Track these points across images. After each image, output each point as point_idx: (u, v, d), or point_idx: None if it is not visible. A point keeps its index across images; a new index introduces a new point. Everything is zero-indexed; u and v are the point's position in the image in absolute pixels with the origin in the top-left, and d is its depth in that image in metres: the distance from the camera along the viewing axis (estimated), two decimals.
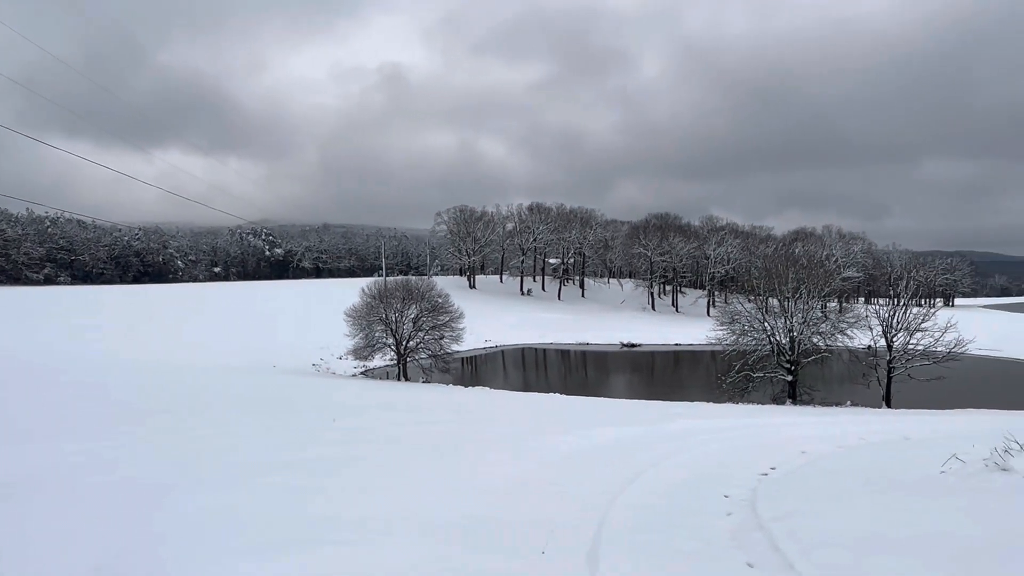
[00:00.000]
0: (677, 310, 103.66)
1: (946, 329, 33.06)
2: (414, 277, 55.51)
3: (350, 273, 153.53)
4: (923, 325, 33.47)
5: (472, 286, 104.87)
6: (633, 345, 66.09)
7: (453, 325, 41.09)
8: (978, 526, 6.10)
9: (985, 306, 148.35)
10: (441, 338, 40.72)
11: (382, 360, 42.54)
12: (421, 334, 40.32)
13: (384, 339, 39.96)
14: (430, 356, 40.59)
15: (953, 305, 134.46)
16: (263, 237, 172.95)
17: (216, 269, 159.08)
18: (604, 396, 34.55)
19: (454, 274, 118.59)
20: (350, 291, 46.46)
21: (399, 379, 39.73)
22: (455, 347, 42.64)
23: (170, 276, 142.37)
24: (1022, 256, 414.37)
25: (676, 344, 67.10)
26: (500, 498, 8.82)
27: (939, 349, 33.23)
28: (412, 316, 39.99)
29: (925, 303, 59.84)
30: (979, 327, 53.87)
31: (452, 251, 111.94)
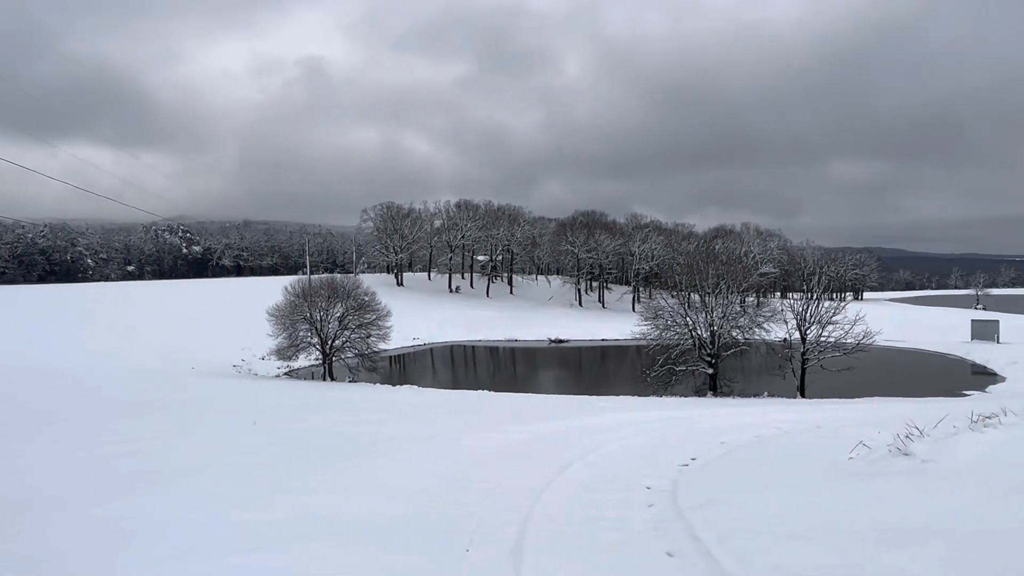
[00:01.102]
0: (603, 306, 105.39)
1: (855, 322, 34.79)
2: (340, 275, 54.60)
3: (273, 271, 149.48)
4: (834, 318, 35.10)
5: (400, 284, 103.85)
6: (561, 341, 66.86)
7: (380, 323, 40.64)
8: (880, 509, 6.43)
9: (891, 299, 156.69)
10: (368, 337, 40.19)
11: (307, 360, 41.68)
12: (347, 333, 39.70)
13: (309, 338, 39.16)
14: (357, 355, 40.00)
15: (862, 299, 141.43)
16: (180, 234, 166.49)
17: (130, 268, 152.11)
18: (533, 392, 34.81)
19: (381, 272, 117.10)
20: (273, 290, 45.28)
21: (325, 379, 39.00)
22: (382, 346, 42.20)
23: (79, 275, 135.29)
24: (924, 252, 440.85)
25: (603, 339, 68.27)
26: (425, 497, 8.76)
27: (849, 341, 34.91)
28: (338, 315, 39.33)
29: (836, 297, 62.70)
30: (885, 319, 56.98)
31: (379, 248, 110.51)
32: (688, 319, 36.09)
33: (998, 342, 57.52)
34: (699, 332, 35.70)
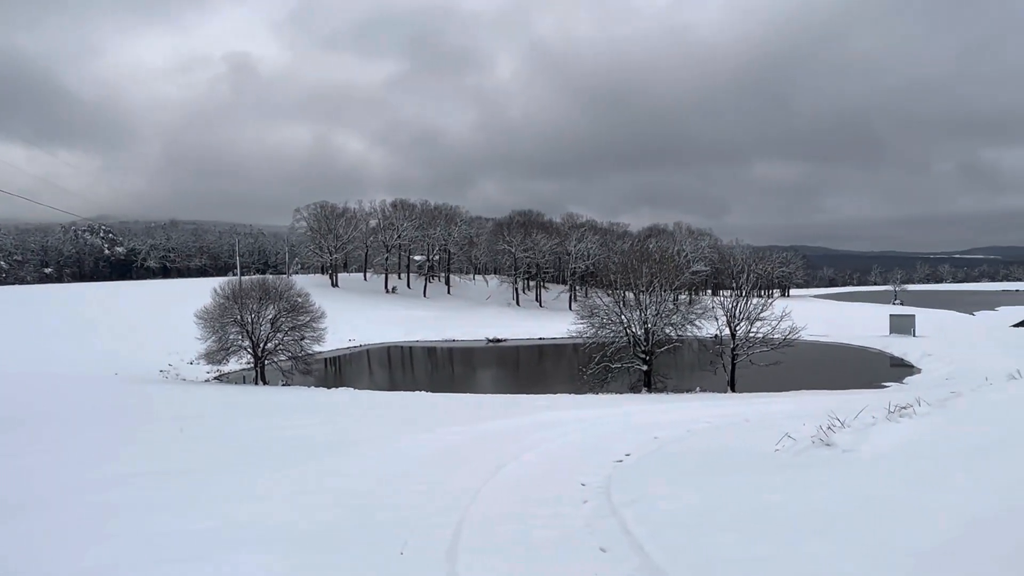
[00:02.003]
0: (541, 305, 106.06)
1: (782, 318, 35.99)
2: (272, 276, 53.28)
3: (202, 273, 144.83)
4: (762, 315, 36.21)
5: (335, 284, 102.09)
6: (499, 340, 66.96)
7: (314, 325, 39.81)
8: (804, 498, 6.65)
9: (815, 296, 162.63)
10: (302, 339, 39.33)
11: (238, 364, 40.50)
12: (280, 335, 38.75)
13: (240, 341, 38.06)
14: (290, 358, 39.09)
15: (788, 295, 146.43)
16: (102, 235, 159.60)
17: (47, 270, 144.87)
18: (470, 392, 34.72)
19: (316, 272, 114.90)
20: (202, 292, 43.82)
21: (256, 383, 38.00)
22: (317, 348, 41.36)
23: None
24: (846, 250, 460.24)
25: (540, 338, 68.66)
26: (360, 500, 8.63)
27: (776, 336, 36.09)
28: (270, 317, 38.33)
29: (764, 294, 64.75)
30: (810, 315, 59.04)
31: (313, 249, 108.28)
32: (623, 317, 36.63)
33: (914, 335, 60.43)
34: (634, 330, 36.28)
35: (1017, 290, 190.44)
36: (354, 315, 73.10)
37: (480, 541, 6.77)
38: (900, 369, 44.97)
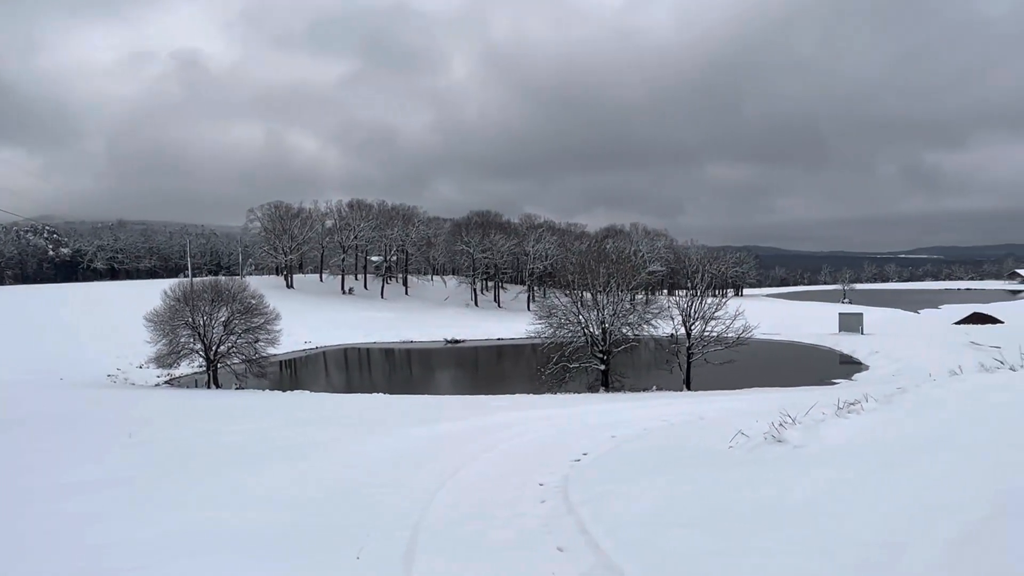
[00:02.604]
0: (499, 305, 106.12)
1: (735, 317, 36.66)
2: (225, 277, 52.22)
3: (152, 274, 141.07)
4: (716, 314, 36.84)
5: (290, 286, 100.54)
6: (457, 341, 66.78)
7: (269, 327, 39.17)
8: (756, 494, 6.77)
9: (768, 295, 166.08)
10: (256, 341, 38.66)
11: (189, 367, 39.60)
12: (233, 338, 38.04)
13: (191, 344, 37.23)
14: (244, 361, 38.39)
15: (742, 295, 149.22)
16: (46, 235, 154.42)
17: None
18: (429, 393, 34.56)
19: (270, 274, 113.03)
20: (152, 294, 42.69)
21: (209, 386, 37.22)
22: (271, 350, 40.67)
23: None
24: (797, 250, 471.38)
25: (498, 339, 68.68)
26: (314, 506, 8.51)
27: (730, 335, 36.74)
28: (223, 319, 37.59)
29: (718, 294, 65.89)
30: (763, 314, 60.34)
31: (267, 249, 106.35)
32: (581, 317, 36.88)
33: (862, 333, 62.15)
34: (591, 329, 36.56)
35: (959, 289, 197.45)
36: (310, 317, 72.12)
37: (438, 543, 6.74)
38: (849, 366, 46.21)
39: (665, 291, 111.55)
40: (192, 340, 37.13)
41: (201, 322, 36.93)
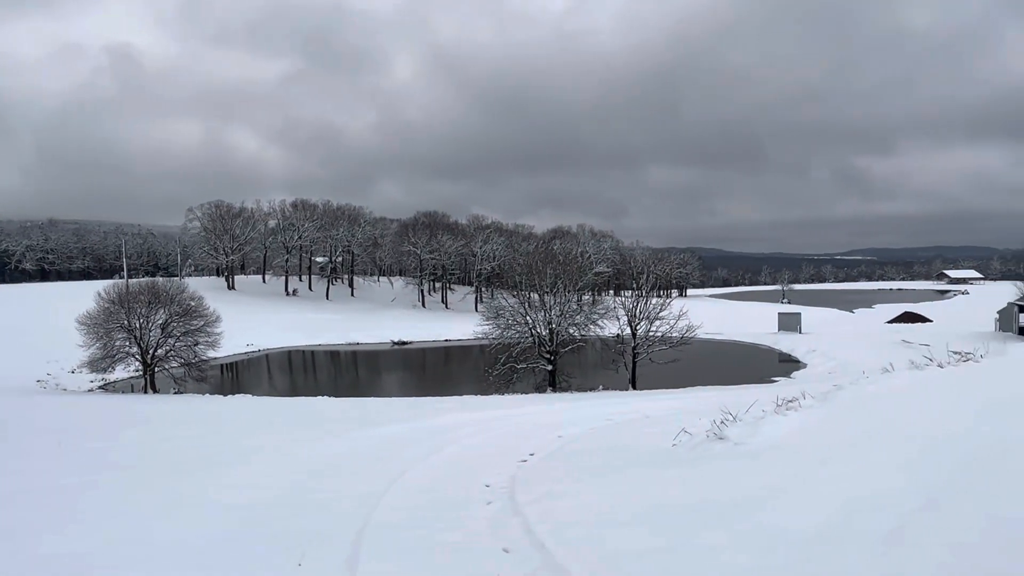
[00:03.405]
0: (447, 307, 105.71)
1: (679, 317, 37.34)
2: (163, 279, 50.66)
3: (85, 275, 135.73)
4: (661, 314, 37.46)
5: (231, 287, 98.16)
6: (404, 343, 66.25)
7: (209, 330, 38.16)
8: (699, 491, 6.88)
9: (711, 295, 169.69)
10: (195, 344, 37.62)
11: (125, 372, 38.28)
12: (171, 341, 36.93)
13: (127, 348, 36.00)
14: (183, 364, 37.31)
15: (686, 295, 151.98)
16: None
17: None
18: (375, 396, 34.20)
19: (211, 275, 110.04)
20: (85, 295, 41.09)
21: (146, 391, 36.03)
22: (212, 353, 39.66)
23: None
24: (738, 251, 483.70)
25: (446, 340, 68.39)
26: (256, 513, 8.29)
27: (674, 335, 37.40)
28: (160, 321, 36.47)
29: (663, 294, 67.00)
30: (706, 314, 61.53)
31: (207, 250, 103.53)
32: (528, 318, 37.01)
33: (800, 332, 64.03)
34: (539, 330, 36.73)
35: (891, 289, 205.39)
36: (252, 319, 70.56)
37: (382, 548, 6.63)
38: (788, 364, 47.54)
39: (611, 292, 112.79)
40: (128, 343, 35.93)
41: (137, 325, 35.76)
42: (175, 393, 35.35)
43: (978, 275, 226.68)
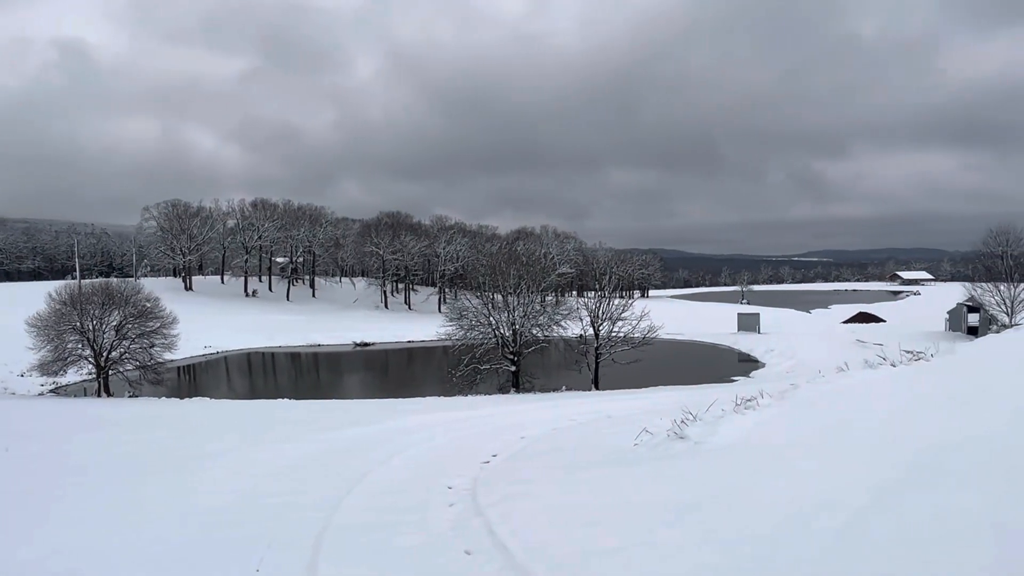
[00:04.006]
0: (410, 307, 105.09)
1: (641, 318, 37.69)
2: (117, 279, 49.42)
3: (35, 276, 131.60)
4: (624, 315, 37.76)
5: (189, 288, 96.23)
6: (366, 344, 65.68)
7: (165, 332, 37.31)
8: (659, 490, 6.95)
9: (672, 296, 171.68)
10: (151, 347, 36.75)
11: (78, 375, 37.22)
12: (126, 343, 36.02)
13: (79, 351, 35.01)
14: (138, 367, 36.42)
15: (648, 296, 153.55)
16: None
17: None
18: (337, 398, 33.85)
19: (167, 275, 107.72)
20: (35, 297, 39.85)
21: (100, 395, 35.10)
22: (168, 356, 38.79)
23: None
24: (699, 253, 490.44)
25: (409, 341, 67.98)
26: (214, 518, 8.13)
27: (636, 335, 37.74)
28: (114, 323, 35.53)
29: (625, 295, 67.60)
30: (667, 315, 62.22)
31: (164, 250, 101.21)
32: (491, 319, 36.99)
33: (759, 332, 65.15)
34: (502, 331, 36.72)
35: (846, 290, 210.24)
36: (210, 320, 69.26)
37: (342, 552, 6.56)
38: (747, 364, 48.33)
39: (574, 292, 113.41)
40: (80, 346, 34.95)
41: (90, 327, 34.81)
42: (130, 396, 34.50)
43: (929, 276, 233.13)
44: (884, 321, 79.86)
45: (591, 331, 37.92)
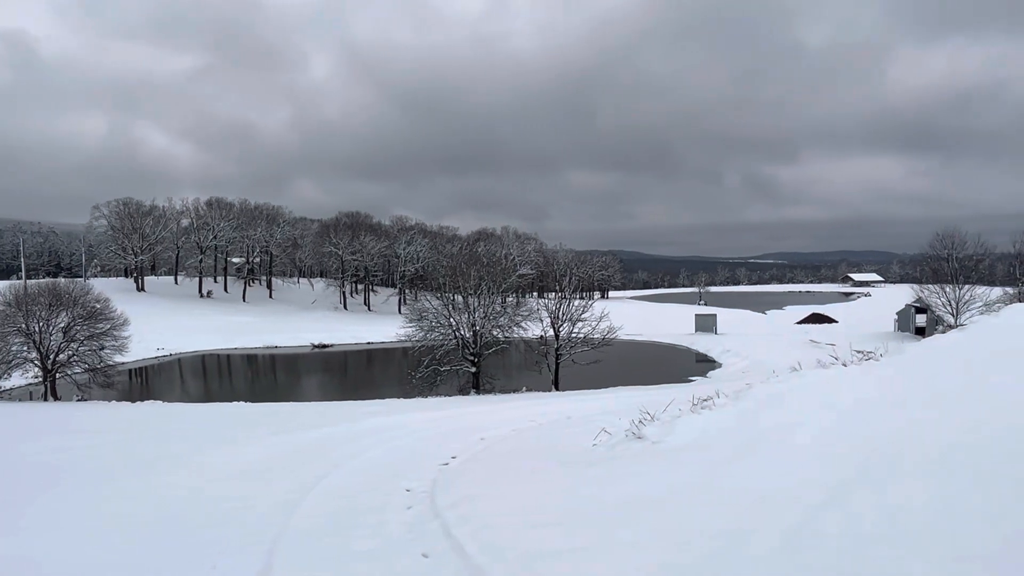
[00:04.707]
0: (369, 309, 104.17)
1: (601, 319, 37.98)
2: (65, 280, 47.97)
3: None
4: (583, 316, 38.01)
5: (141, 288, 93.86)
6: (325, 346, 64.89)
7: (116, 333, 36.36)
8: (617, 489, 7.00)
9: (632, 297, 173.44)
10: (101, 349, 35.77)
11: (23, 378, 36.01)
12: (75, 345, 34.98)
13: (25, 353, 33.89)
14: (87, 370, 35.39)
15: (607, 297, 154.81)
16: None
17: None
18: (294, 400, 33.39)
19: (118, 275, 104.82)
20: None
21: (46, 399, 34.03)
22: (119, 358, 37.80)
23: None
24: (657, 255, 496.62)
25: (368, 342, 67.40)
26: (166, 524, 7.93)
27: (596, 336, 38.02)
28: (62, 325, 34.48)
29: (585, 296, 68.04)
30: (626, 316, 62.83)
31: (115, 250, 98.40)
32: (452, 320, 36.87)
33: (716, 333, 66.21)
34: (462, 332, 36.62)
35: (800, 291, 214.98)
36: (164, 322, 67.74)
37: (298, 556, 6.46)
38: (705, 364, 49.06)
39: (535, 294, 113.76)
40: (26, 348, 33.84)
41: (37, 328, 33.73)
42: (79, 400, 33.53)
43: (879, 278, 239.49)
44: (836, 322, 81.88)
45: (551, 332, 38.08)
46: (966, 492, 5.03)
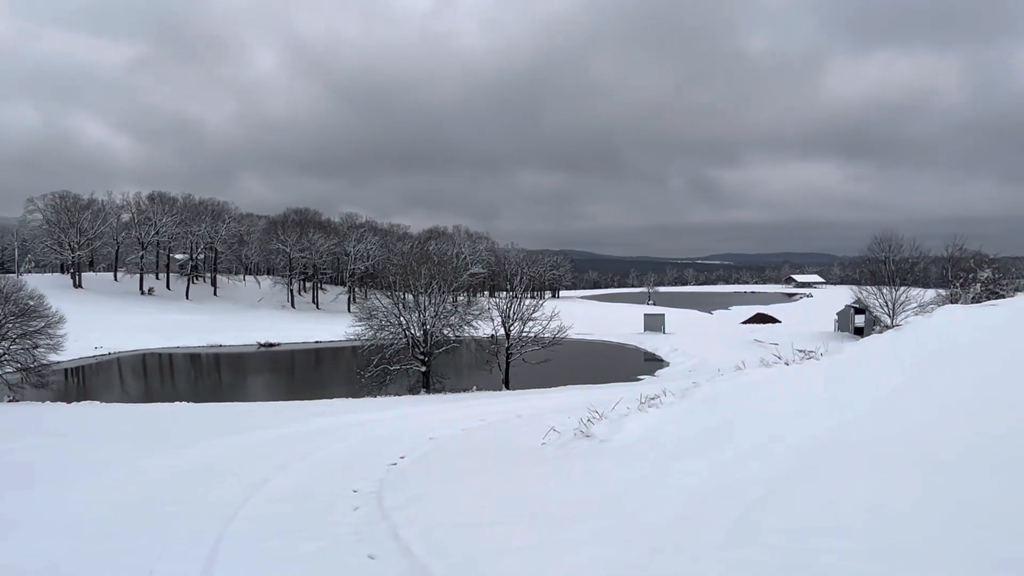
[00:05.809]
0: (318, 307, 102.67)
1: (551, 318, 38.20)
2: None
3: None
4: (534, 315, 38.16)
5: (78, 285, 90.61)
6: (271, 345, 63.69)
7: (50, 331, 34.97)
8: (564, 488, 7.04)
9: (582, 296, 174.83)
10: (35, 347, 34.36)
11: None
12: (6, 344, 33.56)
13: None
14: (19, 369, 33.99)
15: (558, 297, 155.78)
16: None
17: None
18: (239, 400, 32.65)
19: (54, 271, 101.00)
20: None
21: None
22: (54, 357, 36.38)
23: None
24: (607, 255, 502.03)
25: (317, 341, 66.39)
26: (99, 530, 7.65)
27: (547, 335, 38.20)
28: None
29: (536, 295, 68.30)
30: (577, 315, 63.24)
31: (50, 244, 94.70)
32: (402, 319, 36.58)
33: (664, 332, 67.24)
34: (413, 331, 36.37)
35: (746, 292, 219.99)
36: (102, 319, 65.51)
37: (239, 561, 6.31)
38: (653, 363, 49.77)
39: (486, 293, 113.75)
40: None
41: None
42: (9, 401, 32.16)
43: (821, 280, 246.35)
44: (780, 322, 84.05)
45: (502, 331, 38.11)
46: (902, 485, 5.21)
